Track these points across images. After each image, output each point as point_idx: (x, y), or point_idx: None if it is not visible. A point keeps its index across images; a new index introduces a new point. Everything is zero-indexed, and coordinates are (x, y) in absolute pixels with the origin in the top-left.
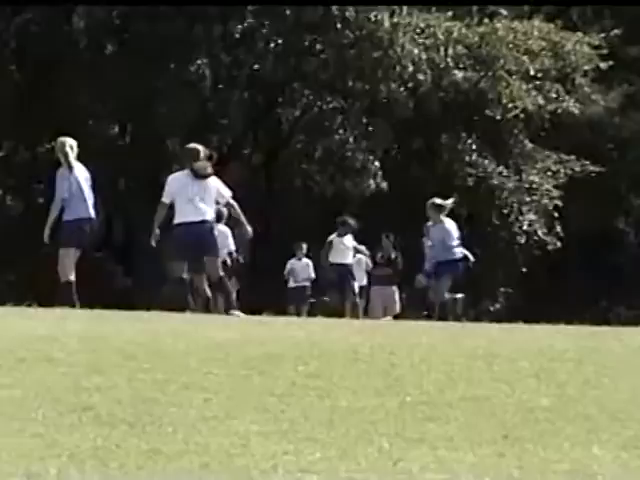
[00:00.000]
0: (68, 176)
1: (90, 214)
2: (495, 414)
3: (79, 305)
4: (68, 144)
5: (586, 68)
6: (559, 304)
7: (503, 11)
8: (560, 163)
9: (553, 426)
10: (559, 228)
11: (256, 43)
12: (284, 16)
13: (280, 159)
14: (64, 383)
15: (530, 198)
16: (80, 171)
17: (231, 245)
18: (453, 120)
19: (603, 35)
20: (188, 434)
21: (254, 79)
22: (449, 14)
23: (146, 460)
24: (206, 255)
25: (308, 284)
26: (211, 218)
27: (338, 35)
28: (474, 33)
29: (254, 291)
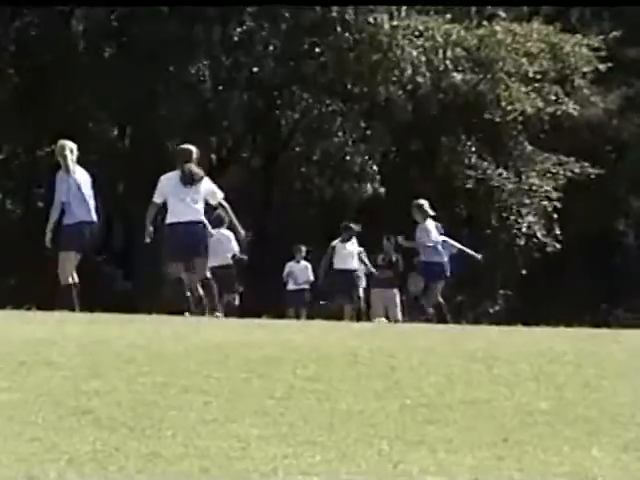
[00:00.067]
0: (67, 179)
1: (91, 217)
2: (494, 417)
3: (79, 308)
4: (68, 147)
5: (585, 70)
6: (558, 306)
7: (502, 13)
8: (559, 165)
9: (552, 429)
10: (558, 230)
11: (255, 46)
12: (283, 18)
13: (279, 162)
14: (64, 387)
15: (529, 200)
16: (80, 174)
17: (235, 248)
18: (452, 122)
19: (602, 37)
20: (188, 437)
21: (253, 82)
22: (448, 17)
23: (146, 463)
24: (196, 256)
25: (307, 287)
26: (203, 218)
27: (337, 38)
28: (473, 35)
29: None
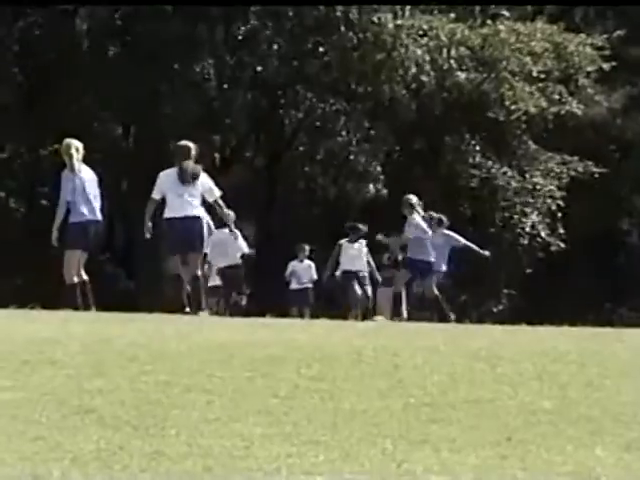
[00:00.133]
0: (73, 178)
1: (96, 216)
2: (498, 416)
3: (83, 307)
4: (74, 146)
5: (589, 69)
6: (562, 305)
7: (506, 13)
8: (563, 164)
9: (556, 428)
10: (562, 229)
11: (259, 45)
12: (287, 18)
13: (283, 161)
14: (67, 385)
15: (533, 199)
16: (86, 173)
17: (244, 247)
18: (456, 122)
19: (606, 36)
20: (191, 436)
21: (257, 81)
22: (452, 16)
23: (149, 462)
24: (190, 251)
25: (310, 286)
26: (200, 214)
27: (341, 37)
28: (477, 35)
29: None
